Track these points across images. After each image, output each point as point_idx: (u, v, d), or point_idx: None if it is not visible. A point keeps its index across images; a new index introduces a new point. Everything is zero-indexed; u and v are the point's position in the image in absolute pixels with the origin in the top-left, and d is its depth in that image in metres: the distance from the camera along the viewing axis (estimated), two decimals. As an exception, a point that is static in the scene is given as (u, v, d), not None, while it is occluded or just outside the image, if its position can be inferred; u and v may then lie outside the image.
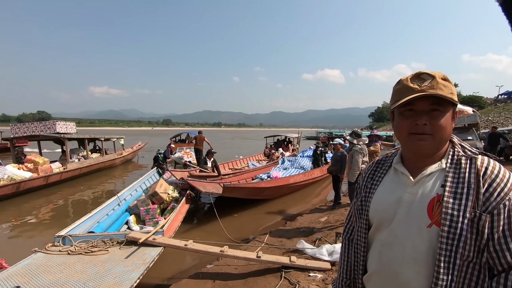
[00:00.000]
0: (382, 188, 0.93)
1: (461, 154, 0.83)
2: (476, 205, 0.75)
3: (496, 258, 0.74)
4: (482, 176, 0.77)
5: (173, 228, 4.52)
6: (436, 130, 0.80)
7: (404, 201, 0.84)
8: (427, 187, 0.82)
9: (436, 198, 0.79)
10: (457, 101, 0.81)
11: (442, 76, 0.81)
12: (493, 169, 0.77)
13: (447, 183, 0.79)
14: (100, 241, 3.68)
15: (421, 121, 0.80)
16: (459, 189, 0.78)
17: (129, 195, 6.59)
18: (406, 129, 0.83)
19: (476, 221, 0.74)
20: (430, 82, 0.80)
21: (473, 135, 8.88)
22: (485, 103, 46.70)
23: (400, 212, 0.84)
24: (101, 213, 5.11)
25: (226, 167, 11.88)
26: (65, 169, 10.41)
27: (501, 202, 0.74)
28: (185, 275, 3.80)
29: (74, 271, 2.95)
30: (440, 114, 0.80)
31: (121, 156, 15.43)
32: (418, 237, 0.80)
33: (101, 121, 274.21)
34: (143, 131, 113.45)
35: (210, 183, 6.90)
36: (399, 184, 0.88)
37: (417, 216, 0.80)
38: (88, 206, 7.47)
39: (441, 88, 0.79)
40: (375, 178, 0.97)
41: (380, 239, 0.89)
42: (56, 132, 11.17)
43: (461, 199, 0.76)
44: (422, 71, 0.82)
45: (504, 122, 26.06)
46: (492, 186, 0.75)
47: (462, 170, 0.80)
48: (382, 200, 0.90)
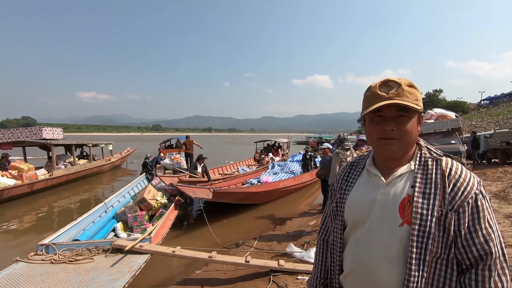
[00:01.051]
0: (356, 189, 0.96)
1: (428, 156, 0.88)
2: (443, 204, 0.80)
3: (464, 253, 0.79)
4: (447, 177, 0.82)
5: (161, 234, 4.46)
6: (403, 135, 0.84)
7: (377, 202, 0.87)
8: (398, 188, 0.86)
9: (406, 198, 0.83)
10: (421, 107, 0.85)
11: (408, 83, 0.86)
12: (456, 170, 0.83)
13: (416, 183, 0.84)
14: (85, 249, 3.59)
15: (389, 127, 0.84)
16: (427, 189, 0.82)
17: (117, 202, 6.47)
18: (376, 134, 0.88)
19: (443, 219, 0.79)
20: (397, 89, 0.84)
21: (456, 139, 9.14)
22: (469, 108, 48.25)
23: (374, 212, 0.87)
24: (87, 220, 4.99)
25: (216, 172, 11.82)
26: (51, 176, 10.17)
27: (465, 200, 0.79)
28: (173, 281, 3.75)
29: (57, 281, 2.87)
30: (406, 120, 0.84)
31: (109, 162, 15.19)
32: (391, 236, 0.83)
33: (88, 127, 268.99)
34: (132, 137, 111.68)
35: (200, 189, 6.86)
36: (372, 185, 0.92)
37: (390, 216, 0.84)
38: (74, 214, 7.30)
39: (406, 95, 0.84)
40: (349, 180, 1.00)
41: (355, 239, 0.91)
42: (42, 138, 10.94)
43: (429, 199, 0.81)
44: (390, 79, 0.87)
45: (486, 127, 26.92)
46: (457, 185, 0.80)
47: (429, 171, 0.85)
48: (357, 200, 0.93)
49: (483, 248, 0.77)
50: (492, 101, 47.32)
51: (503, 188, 6.23)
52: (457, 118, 10.28)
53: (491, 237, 0.78)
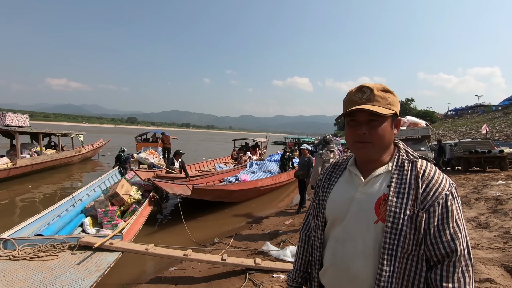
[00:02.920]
0: (337, 187, 1.00)
1: (405, 158, 0.93)
2: (415, 203, 0.84)
3: (432, 250, 0.83)
4: (421, 178, 0.86)
5: (133, 231, 4.28)
6: (374, 138, 0.88)
7: (355, 200, 0.92)
8: (375, 187, 0.90)
9: (382, 197, 0.87)
10: (392, 111, 0.88)
11: (381, 88, 0.90)
12: (429, 171, 0.87)
13: (392, 183, 0.88)
14: (49, 245, 3.34)
15: (361, 131, 0.89)
16: (401, 189, 0.86)
17: (86, 196, 6.14)
18: (351, 137, 0.92)
19: (414, 218, 0.83)
20: (368, 95, 0.89)
21: (425, 146, 9.64)
22: (437, 117, 51.23)
23: (352, 209, 0.91)
24: (52, 214, 4.67)
25: (193, 168, 11.61)
26: (15, 165, 9.49)
27: (436, 200, 0.83)
28: (146, 279, 3.62)
29: (16, 279, 2.63)
30: (377, 124, 0.88)
31: (80, 153, 14.46)
32: (367, 232, 0.87)
33: (57, 116, 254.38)
34: (105, 128, 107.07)
35: (177, 185, 6.68)
36: (352, 184, 0.96)
37: (366, 213, 0.88)
38: (38, 207, 6.83)
39: (377, 100, 0.88)
40: (332, 179, 1.05)
41: (335, 235, 0.96)
42: (5, 125, 10.16)
43: (403, 198, 0.85)
44: (364, 84, 0.91)
45: (451, 136, 28.69)
46: (429, 186, 0.85)
47: (405, 172, 0.89)
48: (337, 198, 0.97)
49: (450, 246, 0.82)
50: (458, 112, 50.57)
51: (465, 194, 6.63)
52: (427, 126, 10.86)
53: (458, 235, 0.83)
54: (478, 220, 4.38)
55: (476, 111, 44.59)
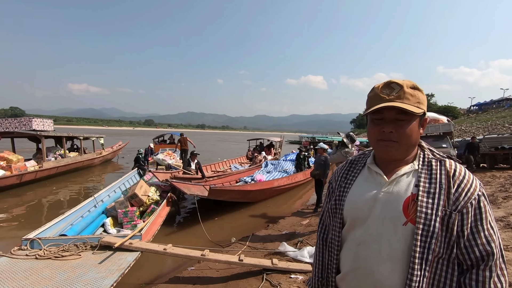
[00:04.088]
0: (356, 187, 0.95)
1: (431, 157, 0.89)
2: (447, 204, 0.80)
3: (466, 254, 0.79)
4: (452, 177, 0.82)
5: (152, 231, 4.35)
6: (401, 137, 0.84)
7: (379, 200, 0.86)
8: (402, 187, 0.86)
9: (410, 197, 0.82)
10: (422, 110, 0.84)
11: (411, 85, 0.86)
12: (460, 171, 0.83)
13: (421, 183, 0.84)
14: (72, 245, 3.46)
15: (388, 129, 0.85)
16: (431, 189, 0.82)
17: (107, 197, 6.32)
18: (375, 135, 0.88)
19: (446, 219, 0.79)
20: (398, 92, 0.84)
21: (447, 143, 9.26)
22: (459, 113, 49.15)
23: (375, 210, 0.86)
24: (75, 214, 4.84)
25: (208, 169, 11.72)
26: (41, 167, 9.94)
27: (469, 201, 0.79)
28: (165, 279, 3.67)
29: (41, 278, 2.74)
30: (406, 123, 0.84)
31: (100, 155, 14.92)
32: (394, 235, 0.82)
33: (79, 120, 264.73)
34: (124, 131, 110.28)
35: (194, 185, 6.76)
36: (374, 183, 0.91)
37: (393, 215, 0.83)
38: (63, 208, 7.11)
39: (407, 98, 0.84)
40: (349, 178, 0.99)
41: (355, 238, 0.90)
42: (32, 129, 10.66)
43: (434, 198, 0.81)
44: (392, 80, 0.86)
45: (475, 132, 27.44)
46: (461, 186, 0.81)
47: (433, 171, 0.85)
48: (357, 198, 0.92)
49: (485, 249, 0.78)
50: (482, 107, 48.34)
51: (491, 192, 6.33)
52: (448, 122, 10.41)
53: (493, 238, 0.79)
54: (507, 220, 4.17)
55: (502, 105, 42.47)
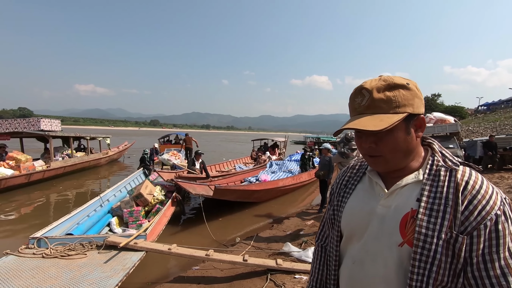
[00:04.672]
0: (354, 197, 0.85)
1: (441, 164, 0.74)
2: (453, 225, 0.66)
3: (475, 285, 0.65)
4: (462, 192, 0.67)
5: (156, 231, 4.37)
6: (384, 151, 0.72)
7: (376, 214, 0.76)
8: (401, 201, 0.73)
9: (410, 213, 0.70)
10: (401, 115, 0.69)
11: (385, 85, 0.71)
12: (474, 184, 0.68)
13: (423, 197, 0.70)
14: (78, 244, 3.49)
15: (366, 144, 0.74)
16: (435, 206, 0.69)
17: (113, 196, 6.37)
18: (360, 150, 0.78)
19: (452, 243, 0.66)
20: (367, 100, 0.71)
21: (454, 143, 9.14)
22: (466, 113, 48.49)
23: (372, 226, 0.76)
24: (81, 214, 4.88)
25: (213, 169, 11.76)
26: (49, 167, 10.09)
27: (482, 222, 0.64)
28: (170, 278, 3.69)
29: (47, 276, 2.77)
30: (386, 134, 0.70)
31: (107, 155, 15.07)
32: (390, 256, 0.71)
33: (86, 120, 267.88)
34: (130, 131, 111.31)
35: (199, 185, 6.78)
36: (373, 195, 0.80)
37: (389, 233, 0.72)
38: (70, 207, 7.20)
39: (379, 106, 0.70)
40: (348, 186, 0.89)
41: (351, 255, 0.81)
42: (40, 130, 10.81)
43: (437, 217, 0.67)
44: (363, 85, 0.73)
45: (483, 132, 27.02)
46: (473, 203, 0.66)
47: (440, 184, 0.70)
48: (354, 210, 0.82)
49: (499, 283, 0.63)
50: (490, 107, 47.61)
51: (501, 193, 6.24)
52: (455, 122, 10.27)
53: (511, 269, 0.63)
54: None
55: (511, 105, 41.80)
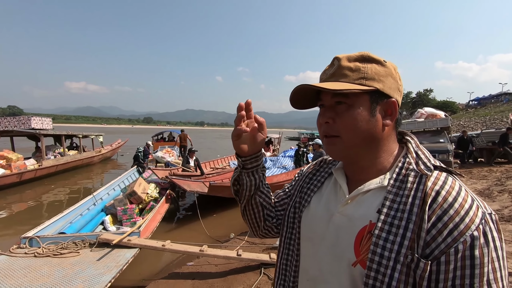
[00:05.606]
0: (317, 197, 0.72)
1: (411, 168, 0.59)
2: (415, 245, 0.52)
3: None
4: (430, 204, 0.53)
5: (150, 228, 4.38)
6: (341, 130, 0.60)
7: (333, 223, 0.63)
8: (360, 210, 0.60)
9: (368, 227, 0.57)
10: (367, 87, 0.58)
11: (356, 56, 0.61)
12: (447, 195, 0.53)
13: (384, 208, 0.57)
14: (71, 243, 3.48)
15: (323, 119, 0.62)
16: (396, 220, 0.55)
17: (106, 194, 6.34)
18: (320, 131, 0.65)
19: (413, 268, 0.52)
20: (334, 68, 0.61)
21: (444, 138, 9.30)
22: (458, 108, 49.24)
23: (328, 237, 0.63)
24: (74, 212, 4.86)
25: (207, 166, 11.74)
26: (40, 166, 9.97)
27: (453, 245, 0.50)
28: (164, 274, 3.71)
29: (40, 275, 2.77)
30: (346, 109, 0.59)
31: (100, 153, 14.95)
32: (344, 276, 0.59)
33: (78, 118, 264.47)
34: (123, 129, 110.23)
35: (194, 182, 6.79)
36: (334, 199, 0.67)
37: (343, 247, 0.59)
38: (63, 206, 7.13)
39: (344, 74, 0.60)
40: (314, 182, 0.75)
41: (306, 268, 0.68)
42: (31, 128, 10.68)
43: (397, 235, 0.54)
44: (337, 56, 0.63)
45: (473, 127, 27.50)
46: (442, 220, 0.51)
47: (406, 192, 0.56)
48: (314, 214, 0.69)
49: None
50: (480, 101, 48.37)
51: (487, 186, 6.37)
52: (446, 117, 10.45)
53: None
54: (501, 213, 4.21)
55: (501, 100, 42.47)
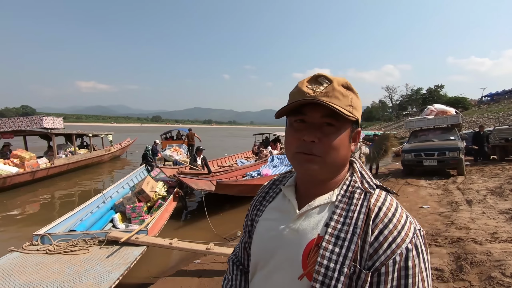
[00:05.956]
0: (266, 215, 0.73)
1: (357, 186, 0.65)
2: (359, 258, 0.57)
3: None
4: (373, 219, 0.58)
5: (158, 226, 4.44)
6: (326, 151, 0.61)
7: (284, 239, 0.65)
8: (309, 224, 0.63)
9: (316, 240, 0.60)
10: (355, 117, 0.63)
11: (343, 82, 0.64)
12: (387, 211, 0.59)
13: (332, 222, 0.61)
14: (81, 240, 3.56)
15: (309, 137, 0.61)
16: (342, 233, 0.59)
17: (116, 193, 6.45)
18: (294, 146, 0.64)
19: (355, 280, 0.56)
20: (326, 87, 0.62)
21: (455, 135, 9.11)
22: (470, 104, 48.04)
23: (278, 253, 0.65)
24: (84, 210, 4.96)
25: (214, 164, 11.81)
26: (53, 164, 10.21)
27: (391, 256, 0.55)
28: (171, 272, 3.76)
29: (51, 272, 2.85)
30: (334, 131, 0.62)
31: (109, 152, 15.20)
32: None
33: (88, 117, 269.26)
34: (132, 128, 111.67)
35: (202, 180, 6.85)
36: (284, 216, 0.69)
37: (292, 261, 0.62)
38: (74, 203, 7.30)
39: (337, 97, 0.61)
40: (264, 203, 0.77)
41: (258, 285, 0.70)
42: (43, 128, 10.93)
43: (342, 247, 0.57)
44: (320, 74, 0.65)
45: (486, 123, 26.83)
46: (383, 233, 0.57)
47: (352, 208, 0.61)
48: (263, 232, 0.71)
49: None
50: (493, 97, 47.08)
51: (499, 184, 6.24)
52: (457, 114, 10.22)
53: None
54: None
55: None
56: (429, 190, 6.66)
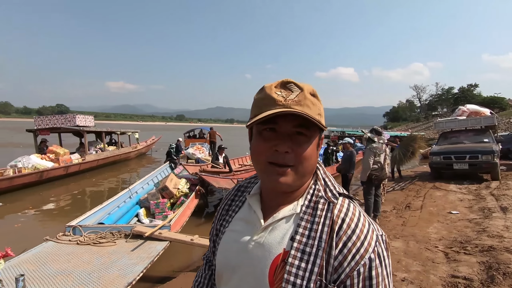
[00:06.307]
0: (232, 226, 0.70)
1: (321, 195, 0.62)
2: (325, 271, 0.55)
3: None
4: (337, 232, 0.57)
5: (180, 222, 4.57)
6: (299, 160, 0.59)
7: (248, 252, 0.62)
8: (275, 238, 0.61)
9: (282, 255, 0.58)
10: (324, 125, 0.62)
11: (311, 90, 0.61)
12: (350, 222, 0.57)
13: (297, 236, 0.59)
14: (109, 233, 3.75)
15: (283, 148, 0.58)
16: (308, 248, 0.57)
17: (141, 188, 6.70)
18: (265, 156, 0.61)
19: None
20: (298, 95, 0.59)
21: (489, 138, 8.52)
22: (507, 104, 44.66)
23: (242, 268, 0.63)
24: (112, 205, 5.21)
25: (236, 163, 11.92)
26: (84, 160, 10.82)
27: (356, 268, 0.54)
28: (193, 267, 3.87)
29: (81, 261, 3.03)
30: (306, 141, 0.60)
31: (136, 149, 15.79)
32: None
33: (116, 115, 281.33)
34: (157, 126, 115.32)
35: (223, 179, 6.95)
36: (249, 227, 0.66)
37: (258, 277, 0.59)
38: (102, 197, 7.70)
39: (308, 105, 0.59)
40: (229, 212, 0.74)
41: None
42: (75, 125, 11.58)
43: (308, 262, 0.56)
44: (289, 80, 0.61)
45: (527, 125, 24.90)
46: (347, 246, 0.55)
47: (316, 219, 0.59)
48: (228, 243, 0.68)
49: None
50: (535, 97, 43.54)
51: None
52: (491, 115, 9.55)
53: None
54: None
55: (560, 95, 38.00)
56: (459, 195, 6.33)
